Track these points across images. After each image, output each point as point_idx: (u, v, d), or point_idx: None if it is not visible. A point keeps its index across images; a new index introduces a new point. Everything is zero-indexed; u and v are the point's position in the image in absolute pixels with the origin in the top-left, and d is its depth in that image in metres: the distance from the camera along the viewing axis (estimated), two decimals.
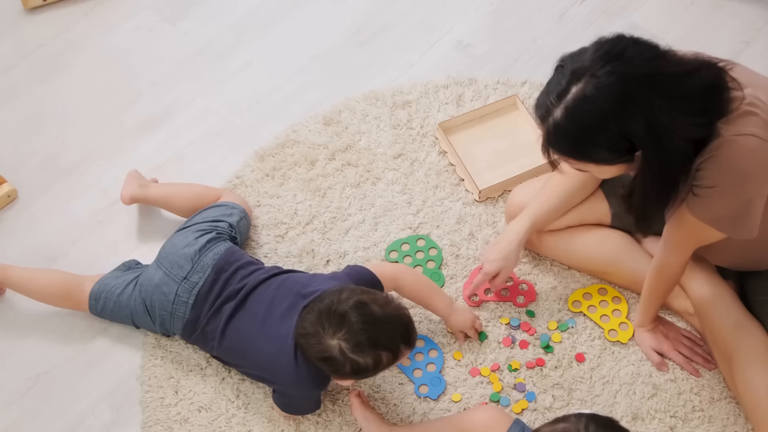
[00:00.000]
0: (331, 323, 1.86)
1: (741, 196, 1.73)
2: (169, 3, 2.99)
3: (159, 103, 2.74)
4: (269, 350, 1.99)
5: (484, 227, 2.44)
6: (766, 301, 2.09)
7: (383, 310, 1.89)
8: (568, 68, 1.66)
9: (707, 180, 1.72)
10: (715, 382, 2.17)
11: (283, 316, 2.00)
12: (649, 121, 1.61)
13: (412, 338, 1.93)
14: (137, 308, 2.18)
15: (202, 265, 2.13)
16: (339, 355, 1.85)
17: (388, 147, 2.60)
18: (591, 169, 1.74)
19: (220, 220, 2.26)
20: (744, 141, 1.67)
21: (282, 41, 2.91)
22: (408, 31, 2.93)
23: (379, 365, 1.88)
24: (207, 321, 2.09)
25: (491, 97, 2.71)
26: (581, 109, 1.63)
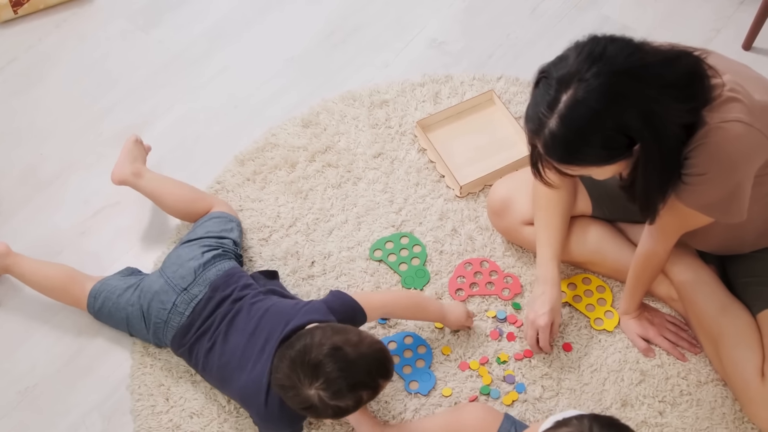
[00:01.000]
0: (306, 374, 1.85)
1: (731, 181, 1.76)
2: (141, 11, 2.99)
3: (136, 111, 2.74)
4: (244, 385, 2.00)
5: (466, 222, 2.45)
6: (748, 282, 2.12)
7: (357, 350, 1.88)
8: (553, 77, 1.66)
9: (697, 167, 1.74)
10: (702, 365, 2.19)
11: (261, 350, 2.00)
12: (643, 112, 1.62)
13: (389, 371, 1.95)
14: (134, 313, 2.17)
15: (204, 279, 2.13)
16: (319, 404, 1.85)
17: (368, 147, 2.61)
18: (591, 173, 1.76)
19: (224, 236, 2.27)
20: (730, 127, 1.69)
21: (256, 45, 2.91)
22: (382, 30, 2.94)
23: (359, 403, 1.90)
24: (195, 339, 2.09)
25: (468, 94, 2.73)
26: (576, 114, 1.63)
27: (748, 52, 2.79)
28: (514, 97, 2.71)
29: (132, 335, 2.25)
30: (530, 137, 1.75)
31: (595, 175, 1.78)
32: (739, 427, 2.11)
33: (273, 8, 3.01)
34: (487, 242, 2.42)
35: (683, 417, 2.13)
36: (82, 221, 2.51)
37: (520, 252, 2.39)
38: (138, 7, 3.00)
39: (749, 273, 2.13)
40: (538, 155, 1.80)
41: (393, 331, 2.27)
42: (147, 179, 2.41)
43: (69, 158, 2.64)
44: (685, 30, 2.82)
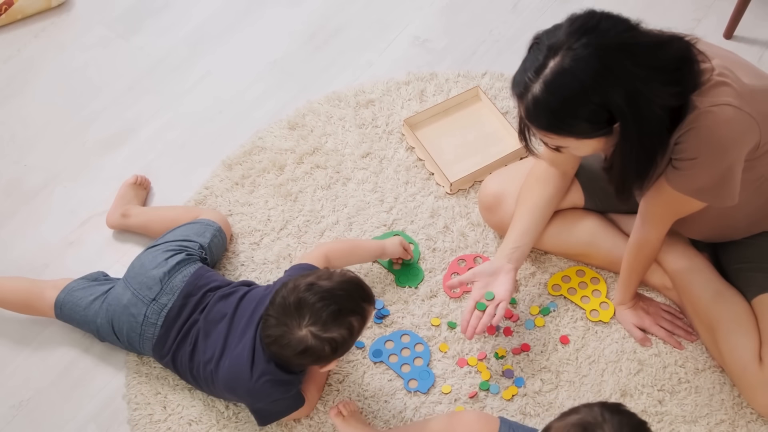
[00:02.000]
0: (293, 316, 1.86)
1: (722, 165, 1.76)
2: (121, 19, 2.97)
3: (120, 119, 2.71)
4: (228, 365, 1.99)
5: (458, 219, 2.45)
6: (741, 269, 2.13)
7: (331, 281, 1.90)
8: (544, 44, 1.67)
9: (688, 152, 1.75)
10: (698, 353, 2.20)
11: (242, 333, 2.00)
12: (627, 90, 1.63)
13: (370, 295, 1.96)
14: (103, 326, 2.15)
15: (171, 287, 2.11)
16: (314, 341, 1.85)
17: (356, 147, 2.60)
18: (570, 145, 1.75)
19: (190, 239, 2.24)
20: (720, 111, 1.70)
21: (239, 50, 2.89)
22: (364, 30, 2.93)
23: (353, 332, 1.90)
24: (176, 346, 2.08)
25: (453, 90, 2.72)
26: (560, 82, 1.64)
27: (730, 41, 2.81)
28: (499, 92, 2.71)
29: (103, 341, 2.23)
30: (515, 101, 1.76)
31: (574, 149, 1.78)
32: (738, 412, 2.11)
33: (253, 12, 2.99)
34: (479, 238, 2.41)
35: (682, 405, 2.13)
36: (70, 232, 2.48)
37: None
38: (117, 14, 2.98)
39: (742, 259, 2.13)
40: (525, 124, 1.81)
41: (389, 330, 2.26)
42: (134, 216, 2.42)
43: (54, 169, 2.61)
44: (666, 20, 2.75)
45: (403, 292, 2.33)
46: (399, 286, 2.34)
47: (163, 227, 2.34)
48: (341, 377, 2.19)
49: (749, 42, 2.81)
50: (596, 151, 1.79)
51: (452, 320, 2.27)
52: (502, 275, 2.15)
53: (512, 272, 2.16)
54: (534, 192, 2.21)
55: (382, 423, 2.12)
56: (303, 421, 2.13)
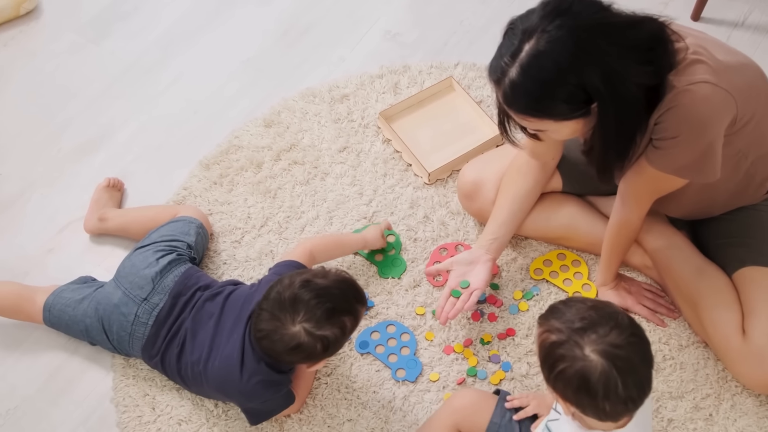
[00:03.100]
0: (287, 311, 1.85)
1: (703, 142, 1.78)
2: (90, 24, 2.96)
3: (94, 124, 2.70)
4: (218, 366, 1.98)
5: (437, 208, 2.46)
6: (721, 244, 2.16)
7: (327, 279, 1.90)
8: (518, 28, 1.68)
9: (668, 131, 1.77)
10: (681, 329, 2.22)
11: (230, 332, 2.00)
12: (602, 69, 1.64)
13: (363, 296, 1.95)
14: (93, 325, 2.14)
15: (163, 287, 2.11)
16: (306, 338, 1.84)
17: (332, 141, 2.60)
18: (549, 128, 1.77)
19: (178, 239, 2.24)
20: (698, 89, 1.72)
21: (210, 50, 2.89)
22: (335, 26, 2.94)
23: (345, 332, 1.89)
24: (165, 347, 2.08)
25: (427, 82, 2.73)
26: (537, 64, 1.65)
27: (698, 23, 2.84)
28: (473, 82, 2.73)
29: (93, 344, 2.22)
30: (492, 87, 1.77)
31: (553, 132, 1.79)
32: (723, 386, 2.14)
33: (223, 12, 2.99)
34: (460, 226, 2.43)
35: (668, 381, 2.15)
36: (49, 239, 2.47)
37: None
38: (86, 20, 2.97)
39: (722, 235, 2.16)
40: (505, 112, 1.83)
41: (375, 321, 2.27)
42: (112, 219, 2.42)
43: (30, 176, 2.59)
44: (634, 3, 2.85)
45: (386, 283, 2.34)
46: (382, 277, 2.35)
47: (143, 228, 2.33)
48: (329, 370, 2.19)
49: (716, 23, 2.84)
50: (575, 134, 1.81)
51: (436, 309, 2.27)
52: (479, 265, 2.17)
53: (489, 263, 2.18)
54: (514, 183, 2.23)
55: (372, 413, 2.12)
56: (293, 416, 2.13)
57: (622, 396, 1.48)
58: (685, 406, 2.12)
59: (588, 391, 1.49)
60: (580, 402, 1.53)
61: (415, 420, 2.11)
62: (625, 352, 1.49)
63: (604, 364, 1.48)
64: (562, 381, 1.53)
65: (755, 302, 2.04)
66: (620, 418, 1.55)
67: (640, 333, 1.54)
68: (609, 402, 1.49)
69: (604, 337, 1.49)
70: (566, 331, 1.52)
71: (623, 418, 1.55)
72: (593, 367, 1.48)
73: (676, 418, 2.10)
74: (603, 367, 1.48)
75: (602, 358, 1.48)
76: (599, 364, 1.48)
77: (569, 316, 1.54)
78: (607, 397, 1.49)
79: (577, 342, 1.50)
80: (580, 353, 1.49)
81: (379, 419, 2.12)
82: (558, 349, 1.52)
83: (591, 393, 1.49)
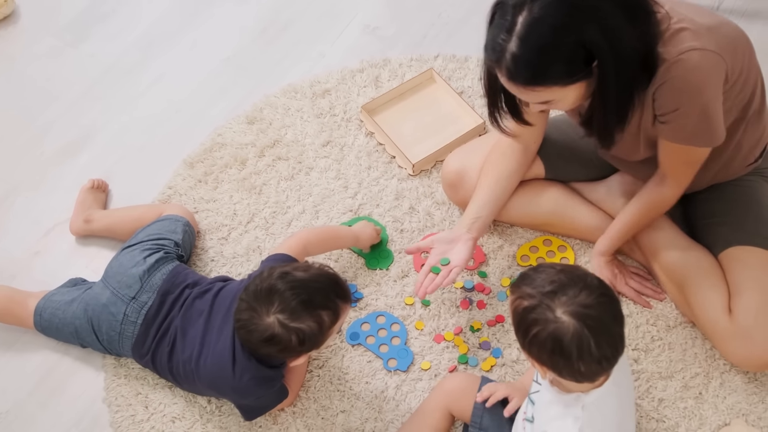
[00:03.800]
0: (262, 302, 1.84)
1: (702, 106, 1.80)
2: (68, 27, 2.95)
3: (76, 126, 2.70)
4: (211, 363, 1.98)
5: (422, 199, 2.47)
6: (708, 224, 2.18)
7: (307, 273, 1.89)
8: (507, 5, 1.68)
9: (668, 104, 1.80)
10: (669, 310, 2.24)
11: (219, 329, 2.00)
12: (599, 25, 1.65)
13: (345, 291, 1.93)
14: (82, 326, 2.14)
15: (151, 285, 2.11)
16: (280, 330, 1.83)
17: (315, 136, 2.61)
18: (554, 96, 1.76)
19: (165, 237, 2.24)
20: (688, 57, 1.74)
21: (190, 49, 2.90)
22: (314, 22, 2.95)
23: (322, 327, 1.87)
24: (155, 345, 2.08)
25: (407, 75, 2.75)
26: (535, 32, 1.65)
27: None
28: (453, 73, 2.74)
29: (84, 347, 2.22)
30: (490, 68, 1.78)
31: (559, 100, 1.78)
32: (711, 364, 2.16)
33: (201, 12, 3.00)
34: (445, 216, 2.44)
35: (657, 362, 2.17)
36: (35, 242, 2.46)
37: None
38: (64, 23, 2.97)
39: (707, 215, 2.19)
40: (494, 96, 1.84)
41: (364, 312, 2.28)
42: (97, 220, 2.42)
43: (13, 180, 2.59)
44: None
45: (374, 274, 2.35)
46: (370, 268, 2.35)
47: (129, 227, 2.33)
48: (321, 363, 2.20)
49: None
50: (578, 102, 1.80)
51: (425, 298, 2.29)
52: (460, 244, 2.18)
53: (471, 242, 2.19)
54: (496, 165, 2.24)
55: (365, 404, 2.13)
56: (287, 409, 2.13)
57: (596, 355, 1.51)
58: (674, 385, 2.14)
59: (562, 353, 1.51)
60: (555, 365, 1.55)
61: (408, 409, 2.12)
62: (596, 311, 1.51)
63: (575, 325, 1.50)
64: (537, 345, 1.55)
65: (741, 281, 2.07)
66: (597, 378, 1.58)
67: (609, 293, 1.56)
68: (583, 362, 1.51)
69: (574, 299, 1.51)
70: (537, 296, 1.54)
71: (599, 377, 1.58)
72: (565, 328, 1.50)
73: (667, 397, 2.12)
74: (575, 327, 1.50)
75: (573, 319, 1.50)
76: (571, 325, 1.50)
77: (539, 282, 1.56)
78: (581, 358, 1.51)
79: (549, 305, 1.52)
80: (551, 316, 1.52)
81: (372, 409, 2.13)
82: (530, 314, 1.55)
83: (565, 354, 1.51)
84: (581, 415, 1.60)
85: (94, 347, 2.19)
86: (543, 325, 1.52)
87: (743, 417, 2.09)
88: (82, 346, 2.22)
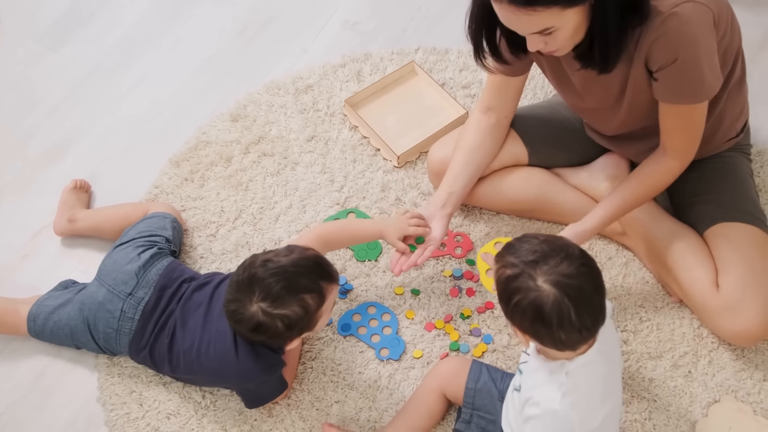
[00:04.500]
0: (245, 291, 1.85)
1: (700, 55, 1.81)
2: (48, 32, 2.95)
3: (60, 129, 2.70)
4: (213, 351, 1.98)
5: (408, 190, 2.49)
6: (692, 203, 2.21)
7: (288, 258, 1.88)
8: None
9: (665, 58, 1.81)
10: (656, 291, 2.27)
11: (219, 317, 1.99)
12: None
13: (330, 273, 1.92)
14: (77, 327, 2.14)
15: (147, 281, 2.11)
16: (265, 318, 1.84)
17: (300, 132, 2.62)
18: (555, 22, 1.72)
19: (156, 234, 2.25)
20: (682, 10, 1.75)
21: (171, 50, 2.91)
22: (294, 19, 2.96)
23: (308, 310, 1.86)
24: (154, 338, 2.08)
25: (389, 68, 2.77)
26: None
27: None
28: (434, 65, 2.76)
29: (79, 348, 2.22)
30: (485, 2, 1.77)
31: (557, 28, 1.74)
32: (699, 343, 2.19)
33: (182, 13, 3.01)
34: None
35: (646, 342, 2.20)
36: (23, 245, 2.46)
37: (466, 210, 2.43)
38: (44, 27, 2.97)
39: (691, 194, 2.21)
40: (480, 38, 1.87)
41: (355, 303, 2.29)
42: (81, 220, 2.42)
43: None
44: None
45: (363, 266, 2.36)
46: (359, 260, 2.37)
47: (115, 226, 2.34)
48: (314, 354, 2.21)
49: None
50: (577, 30, 1.77)
51: (415, 287, 2.30)
52: (434, 222, 2.21)
53: (445, 218, 2.21)
54: (466, 140, 2.27)
55: (359, 394, 2.15)
56: (281, 402, 2.14)
57: (576, 324, 1.53)
58: (664, 365, 2.16)
59: (543, 321, 1.54)
60: (537, 333, 1.58)
61: (401, 397, 2.13)
62: (576, 281, 1.53)
63: (556, 294, 1.52)
64: (519, 313, 1.57)
65: (727, 257, 2.10)
66: (578, 347, 1.61)
67: (590, 263, 1.59)
68: (564, 331, 1.54)
69: (555, 268, 1.54)
70: (520, 265, 1.57)
71: (580, 346, 1.61)
72: (546, 296, 1.53)
73: (657, 377, 2.14)
74: (555, 296, 1.52)
75: (554, 288, 1.53)
76: (551, 294, 1.52)
77: (523, 251, 1.59)
78: (561, 326, 1.53)
79: (530, 274, 1.55)
80: (533, 284, 1.54)
81: (366, 399, 2.14)
82: (513, 282, 1.57)
83: (545, 322, 1.54)
84: (565, 381, 1.63)
85: (89, 348, 2.19)
86: (524, 293, 1.55)
87: (732, 393, 2.12)
88: (77, 348, 2.22)
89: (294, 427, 2.11)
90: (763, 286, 2.05)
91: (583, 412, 1.66)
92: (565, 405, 1.63)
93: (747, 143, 2.30)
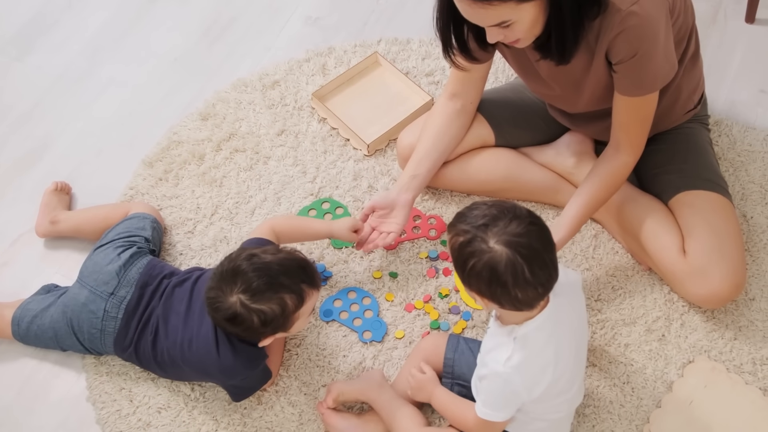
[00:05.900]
0: (227, 281, 1.89)
1: (658, 49, 1.89)
2: (12, 42, 2.97)
3: (31, 138, 2.72)
4: (196, 347, 2.02)
5: (380, 177, 2.54)
6: (656, 173, 2.29)
7: (274, 256, 1.93)
8: None
9: (626, 52, 1.88)
10: (626, 261, 2.34)
11: (201, 312, 2.03)
12: None
13: (312, 277, 1.96)
14: (61, 329, 2.17)
15: (128, 280, 2.15)
16: (242, 310, 1.87)
17: (270, 127, 2.67)
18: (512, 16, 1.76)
19: (135, 234, 2.28)
20: (640, 8, 1.81)
21: (137, 53, 2.93)
22: (256, 18, 3.00)
23: (285, 310, 1.90)
24: (138, 336, 2.11)
25: (353, 60, 2.82)
26: None
27: (753, 25, 2.89)
28: (397, 56, 2.82)
29: (65, 350, 2.24)
30: None
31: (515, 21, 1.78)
32: (671, 307, 2.26)
33: (144, 16, 3.03)
34: None
35: (620, 309, 2.27)
36: (1, 253, 2.48)
37: (437, 194, 2.49)
38: (8, 37, 2.98)
39: (654, 165, 2.29)
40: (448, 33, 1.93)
41: (335, 289, 2.34)
42: (63, 221, 2.44)
43: None
44: None
45: (341, 252, 2.41)
46: (336, 248, 2.42)
47: (96, 227, 2.36)
48: (298, 341, 2.26)
49: None
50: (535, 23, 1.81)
51: (393, 270, 2.36)
52: (396, 209, 2.27)
53: (407, 205, 2.27)
54: (431, 124, 2.33)
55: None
56: (269, 388, 2.18)
57: (531, 281, 1.59)
58: (638, 330, 2.24)
59: (498, 281, 1.60)
60: (494, 294, 1.63)
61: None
62: (526, 239, 1.59)
63: (508, 253, 1.58)
64: (475, 277, 1.63)
65: (692, 224, 2.17)
66: (536, 304, 1.68)
67: (538, 221, 1.65)
68: (520, 289, 1.60)
69: (505, 228, 1.59)
70: (471, 230, 1.62)
71: (538, 303, 1.68)
72: (498, 256, 1.58)
73: (632, 342, 2.22)
74: (507, 255, 1.58)
75: (506, 248, 1.58)
76: (504, 253, 1.58)
77: (472, 217, 1.64)
78: (517, 284, 1.59)
79: (482, 237, 1.60)
80: (485, 247, 1.59)
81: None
82: (466, 247, 1.62)
83: (501, 282, 1.60)
84: (513, 345, 1.70)
85: (75, 349, 2.21)
86: (479, 256, 1.60)
87: (705, 353, 2.20)
88: (63, 350, 2.24)
89: (284, 413, 2.15)
90: (728, 250, 2.13)
91: (529, 375, 1.73)
92: (508, 368, 1.71)
93: (705, 114, 2.38)
